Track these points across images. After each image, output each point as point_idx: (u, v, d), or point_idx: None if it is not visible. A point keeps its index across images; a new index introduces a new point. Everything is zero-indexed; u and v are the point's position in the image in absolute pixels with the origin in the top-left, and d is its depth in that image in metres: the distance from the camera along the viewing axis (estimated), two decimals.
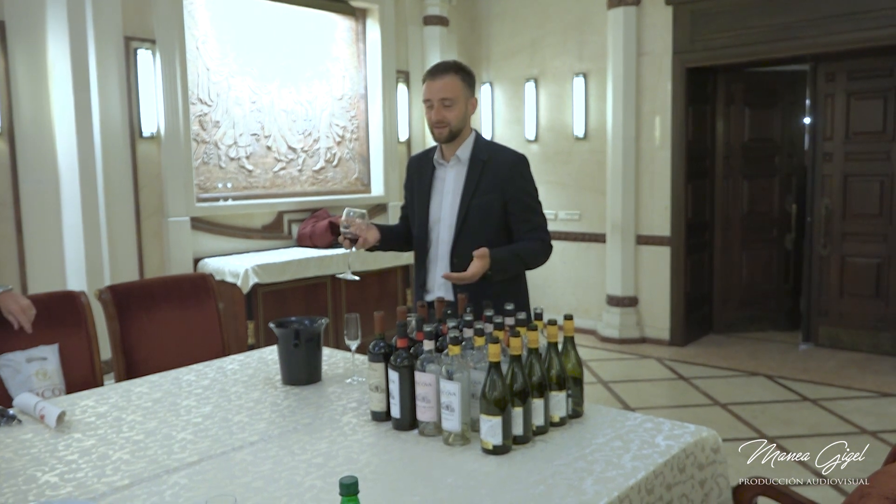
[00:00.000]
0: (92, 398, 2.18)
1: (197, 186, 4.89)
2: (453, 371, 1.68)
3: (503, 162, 2.47)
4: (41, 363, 2.47)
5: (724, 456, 1.79)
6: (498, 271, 2.35)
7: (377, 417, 1.88)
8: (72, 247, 4.14)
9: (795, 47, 5.22)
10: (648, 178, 5.95)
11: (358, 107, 6.00)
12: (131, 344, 2.76)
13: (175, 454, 1.72)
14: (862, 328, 5.56)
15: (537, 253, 2.47)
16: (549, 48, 6.44)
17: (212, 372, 2.42)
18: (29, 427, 1.93)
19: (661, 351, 5.82)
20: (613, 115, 5.94)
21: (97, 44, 4.12)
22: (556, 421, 1.79)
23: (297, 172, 5.56)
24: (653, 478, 1.56)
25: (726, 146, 6.22)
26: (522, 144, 6.54)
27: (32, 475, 1.62)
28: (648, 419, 1.86)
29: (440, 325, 1.89)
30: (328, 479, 1.54)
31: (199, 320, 2.96)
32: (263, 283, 4.58)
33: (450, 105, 2.42)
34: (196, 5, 4.88)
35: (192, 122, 4.84)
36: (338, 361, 2.51)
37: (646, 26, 5.83)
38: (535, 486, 1.48)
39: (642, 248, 6.04)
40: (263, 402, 2.10)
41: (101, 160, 4.17)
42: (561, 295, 6.56)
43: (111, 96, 4.23)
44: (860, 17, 4.89)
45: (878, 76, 5.42)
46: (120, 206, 4.32)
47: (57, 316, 2.62)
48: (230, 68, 5.08)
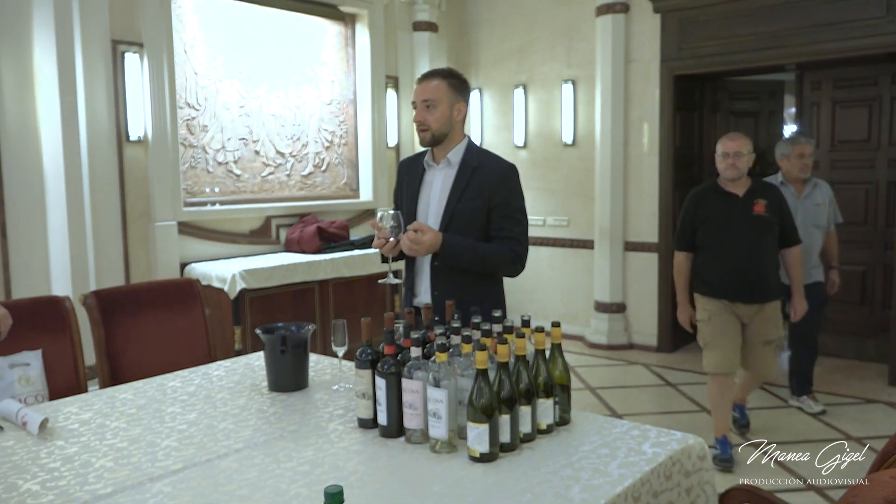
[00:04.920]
0: (75, 405, 2.16)
1: (184, 191, 4.86)
2: (440, 378, 1.67)
3: (492, 170, 2.47)
4: (24, 369, 2.44)
5: (711, 463, 1.79)
6: (447, 254, 2.35)
7: (364, 424, 1.88)
8: (57, 251, 4.11)
9: (782, 56, 5.27)
10: (636, 184, 5.97)
11: (347, 112, 5.99)
12: (116, 350, 2.73)
13: (159, 462, 1.70)
14: (847, 335, 5.60)
15: (501, 258, 2.43)
16: (537, 54, 6.46)
17: (197, 378, 2.41)
18: (11, 434, 1.90)
19: (649, 357, 5.83)
20: (602, 122, 5.97)
21: (84, 47, 4.10)
22: (543, 428, 1.79)
23: (286, 177, 5.54)
24: (639, 485, 1.56)
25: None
26: (511, 151, 6.55)
27: (14, 483, 1.60)
28: (635, 426, 1.86)
29: (428, 331, 1.88)
30: (314, 488, 1.53)
31: (185, 326, 2.94)
32: (251, 288, 4.56)
33: (431, 107, 2.42)
34: (184, 9, 4.86)
35: (180, 126, 4.82)
36: (325, 368, 2.49)
37: (634, 34, 5.87)
38: (522, 493, 1.48)
39: (630, 255, 6.06)
40: (249, 408, 2.08)
41: (87, 164, 4.15)
42: (549, 301, 6.57)
43: (98, 100, 4.20)
44: (846, 27, 4.94)
45: (864, 85, 5.48)
46: (106, 211, 4.29)
47: (41, 321, 2.60)
48: (218, 72, 5.06)
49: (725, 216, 3.60)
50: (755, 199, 3.59)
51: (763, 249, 3.57)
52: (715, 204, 3.65)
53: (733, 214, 3.59)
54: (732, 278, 3.57)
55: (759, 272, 3.56)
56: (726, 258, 3.59)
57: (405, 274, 2.64)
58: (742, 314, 3.63)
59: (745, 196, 3.60)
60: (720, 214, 3.62)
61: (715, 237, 3.63)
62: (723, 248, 3.60)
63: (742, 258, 3.55)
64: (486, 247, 2.42)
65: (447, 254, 2.36)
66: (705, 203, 3.68)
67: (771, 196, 3.63)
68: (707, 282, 3.67)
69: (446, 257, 2.37)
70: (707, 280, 3.67)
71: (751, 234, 3.55)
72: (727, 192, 3.64)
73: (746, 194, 3.61)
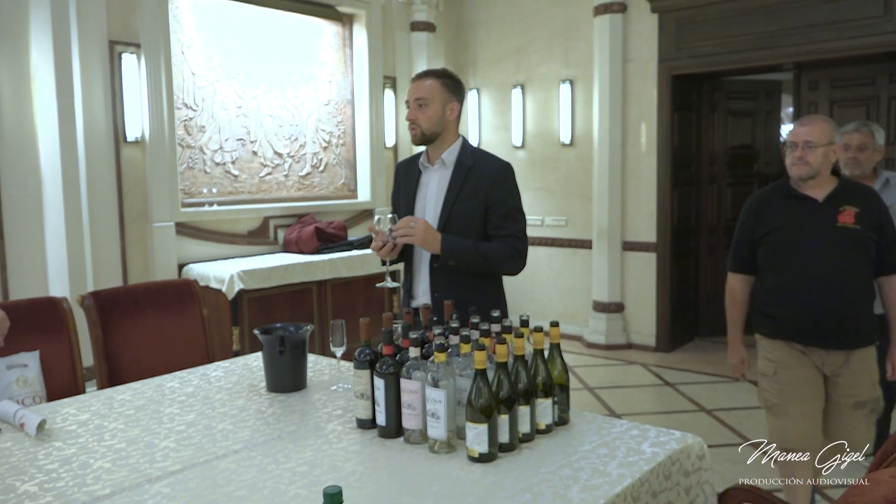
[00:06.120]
0: (73, 406, 2.15)
1: (182, 191, 4.85)
2: (439, 378, 1.67)
3: (488, 169, 2.47)
4: (22, 370, 2.44)
5: (710, 462, 1.79)
6: (448, 255, 2.36)
7: (362, 425, 1.87)
8: (54, 252, 4.10)
9: (779, 55, 5.27)
10: (634, 184, 5.97)
11: (344, 112, 5.98)
12: (114, 351, 2.73)
13: (157, 463, 1.70)
14: None
15: (501, 255, 2.42)
16: (535, 54, 6.46)
17: (196, 379, 2.40)
18: (8, 435, 1.90)
19: (647, 357, 5.83)
20: (600, 122, 5.97)
21: (81, 47, 4.10)
22: (542, 428, 1.78)
23: (284, 178, 5.54)
24: (639, 485, 1.56)
25: (711, 153, 6.27)
26: (509, 151, 6.55)
27: (11, 485, 1.60)
28: (634, 426, 1.86)
29: (426, 331, 1.88)
30: (313, 488, 1.53)
31: (183, 327, 2.94)
32: (249, 288, 4.55)
33: (423, 105, 2.44)
34: (181, 10, 4.85)
35: (178, 127, 4.81)
36: (323, 368, 2.49)
37: (632, 33, 5.87)
38: (521, 493, 1.48)
39: (628, 255, 6.06)
40: (248, 409, 2.08)
41: (84, 164, 4.14)
42: (547, 301, 6.57)
43: (95, 100, 4.20)
44: (843, 26, 4.94)
45: (861, 84, 5.48)
46: (103, 211, 4.28)
47: (38, 322, 2.59)
48: (216, 73, 5.06)
49: (797, 228, 2.64)
50: (841, 205, 2.59)
51: (851, 274, 2.57)
52: (783, 211, 2.68)
53: (809, 225, 2.61)
54: (808, 313, 2.60)
55: (846, 306, 2.57)
56: (799, 285, 2.61)
57: (403, 276, 2.64)
58: (822, 364, 2.64)
59: (826, 201, 2.61)
60: (790, 225, 2.65)
61: (782, 256, 2.66)
62: (794, 272, 2.63)
63: (821, 286, 2.56)
64: (485, 245, 2.41)
65: (447, 254, 2.36)
66: (770, 209, 2.72)
67: (865, 202, 2.61)
68: (771, 318, 2.71)
69: (447, 258, 2.37)
70: (771, 315, 2.70)
71: (834, 254, 2.57)
72: (801, 195, 2.65)
73: (829, 199, 2.61)
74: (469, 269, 2.41)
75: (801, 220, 2.63)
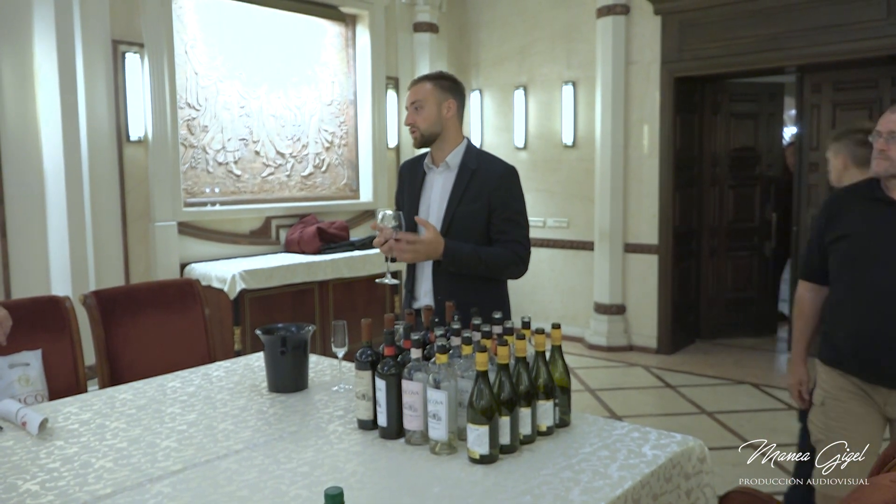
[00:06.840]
0: (75, 405, 2.15)
1: (184, 191, 4.86)
2: (440, 379, 1.67)
3: (492, 172, 2.46)
4: (24, 369, 2.44)
5: (711, 465, 1.79)
6: (450, 261, 2.36)
7: (364, 426, 1.87)
8: (57, 251, 4.11)
9: (782, 58, 5.27)
10: (636, 186, 5.97)
11: (347, 112, 5.99)
12: (116, 350, 2.73)
13: (159, 462, 1.70)
14: None
15: (503, 261, 2.42)
16: (537, 56, 6.46)
17: (197, 379, 2.40)
18: (10, 434, 1.90)
19: (649, 359, 5.83)
20: (602, 124, 5.97)
21: (84, 47, 4.11)
22: (543, 430, 1.78)
23: (286, 178, 5.54)
24: (639, 488, 1.56)
25: (713, 155, 6.27)
26: (511, 152, 6.55)
27: (13, 483, 1.60)
28: (635, 428, 1.86)
29: (428, 333, 1.88)
30: (314, 489, 1.53)
31: (184, 326, 2.94)
32: (250, 288, 4.56)
33: (419, 108, 2.45)
34: (185, 9, 4.86)
35: (180, 127, 4.82)
36: (324, 369, 2.49)
37: (634, 35, 5.87)
38: (522, 495, 1.48)
39: (630, 256, 6.06)
40: (249, 409, 2.08)
41: (87, 164, 4.15)
42: (549, 302, 6.57)
43: (98, 100, 4.21)
44: (846, 29, 4.94)
45: (864, 87, 5.47)
46: (106, 211, 4.29)
47: (41, 321, 2.60)
48: (219, 72, 5.06)
49: (872, 236, 2.17)
50: None
51: None
52: (861, 214, 2.21)
53: (887, 234, 2.15)
54: (874, 343, 2.14)
55: None
56: (868, 306, 2.15)
57: (406, 277, 2.64)
58: (885, 404, 2.19)
59: None
60: (865, 232, 2.18)
61: (854, 268, 2.20)
62: (865, 289, 2.16)
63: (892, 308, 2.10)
64: (488, 251, 2.41)
65: (449, 261, 2.36)
66: (847, 211, 2.26)
67: None
68: (832, 344, 2.30)
69: (449, 264, 2.37)
70: (832, 341, 2.29)
71: None
72: (886, 197, 2.17)
73: None
74: (471, 274, 2.42)
75: (878, 226, 2.16)
